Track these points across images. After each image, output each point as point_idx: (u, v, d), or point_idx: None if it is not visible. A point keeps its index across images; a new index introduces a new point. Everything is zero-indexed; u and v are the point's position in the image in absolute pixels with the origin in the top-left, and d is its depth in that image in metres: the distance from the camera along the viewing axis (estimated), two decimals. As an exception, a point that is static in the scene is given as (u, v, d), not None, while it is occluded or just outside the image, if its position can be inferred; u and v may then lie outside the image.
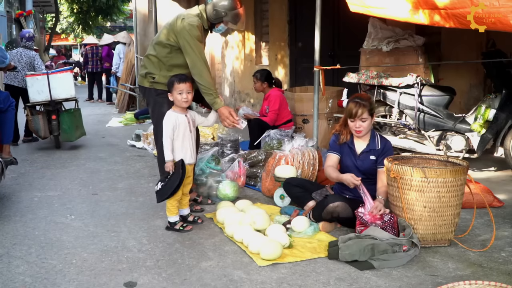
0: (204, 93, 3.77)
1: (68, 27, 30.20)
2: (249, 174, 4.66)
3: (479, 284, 2.21)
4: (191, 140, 3.54)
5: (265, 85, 5.88)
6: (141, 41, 10.94)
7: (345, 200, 3.38)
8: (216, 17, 3.81)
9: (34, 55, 7.06)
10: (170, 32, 3.77)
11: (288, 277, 2.75)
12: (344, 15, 6.16)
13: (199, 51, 3.74)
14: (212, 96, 3.76)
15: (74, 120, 6.77)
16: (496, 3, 3.23)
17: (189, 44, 3.68)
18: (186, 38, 3.68)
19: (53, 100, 6.48)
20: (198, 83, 3.75)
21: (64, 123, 6.60)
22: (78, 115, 6.93)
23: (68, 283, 2.73)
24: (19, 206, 4.15)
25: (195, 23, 3.72)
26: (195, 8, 3.91)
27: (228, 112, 3.77)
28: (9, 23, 19.46)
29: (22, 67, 6.87)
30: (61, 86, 6.54)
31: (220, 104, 3.79)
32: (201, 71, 3.71)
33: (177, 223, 3.49)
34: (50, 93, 6.46)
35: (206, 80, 3.73)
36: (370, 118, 3.45)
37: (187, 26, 3.68)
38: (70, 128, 6.66)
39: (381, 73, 5.18)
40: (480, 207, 3.59)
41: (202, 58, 3.73)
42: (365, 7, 4.17)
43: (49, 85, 6.45)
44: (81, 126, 7.02)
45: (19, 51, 7.02)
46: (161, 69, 3.81)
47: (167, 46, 3.79)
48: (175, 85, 3.42)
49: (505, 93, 4.60)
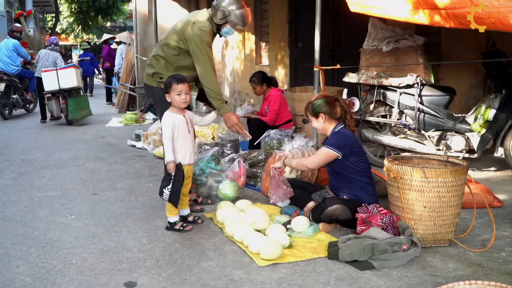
0: (211, 98, 3.82)
1: (68, 27, 30.22)
2: (249, 174, 4.66)
3: (479, 284, 2.21)
4: (190, 140, 3.54)
5: (265, 87, 5.88)
6: (141, 41, 10.93)
7: (343, 202, 3.37)
8: (221, 17, 3.83)
9: (57, 55, 9.40)
10: (180, 37, 3.81)
11: (288, 277, 2.75)
12: (344, 15, 6.16)
13: (209, 56, 3.78)
14: (220, 102, 3.83)
15: (79, 104, 8.98)
16: (496, 3, 3.22)
17: (200, 49, 3.73)
18: (196, 43, 3.72)
19: (61, 89, 8.64)
20: (206, 88, 3.80)
21: (70, 105, 8.75)
22: (83, 100, 9.23)
23: (68, 283, 2.73)
24: (19, 206, 4.15)
25: (206, 28, 3.76)
26: (204, 12, 3.93)
27: (236, 119, 3.86)
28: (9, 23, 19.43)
29: (49, 64, 9.18)
30: (67, 78, 8.64)
31: (226, 109, 3.86)
32: (209, 76, 3.77)
33: (177, 223, 3.49)
34: (59, 84, 8.60)
35: (214, 85, 3.80)
36: (314, 119, 3.57)
37: (197, 32, 3.72)
38: (76, 109, 8.87)
39: (381, 73, 5.18)
40: (480, 207, 3.59)
41: (211, 63, 3.79)
42: (365, 7, 4.17)
43: (58, 78, 8.57)
44: (86, 108, 9.28)
45: (47, 52, 9.38)
46: (169, 70, 3.85)
47: (175, 48, 3.83)
48: (173, 85, 3.39)
49: (505, 93, 4.60)
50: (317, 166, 3.55)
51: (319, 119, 3.54)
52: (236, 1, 3.85)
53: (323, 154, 3.46)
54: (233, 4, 3.82)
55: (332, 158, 3.45)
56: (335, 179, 3.60)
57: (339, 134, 3.49)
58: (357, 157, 3.47)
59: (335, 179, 3.59)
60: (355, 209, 3.28)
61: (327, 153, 3.43)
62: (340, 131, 3.51)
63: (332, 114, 3.52)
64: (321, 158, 3.47)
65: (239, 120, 3.92)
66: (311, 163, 3.53)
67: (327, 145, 3.45)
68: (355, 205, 3.32)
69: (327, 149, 3.43)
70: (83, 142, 7.27)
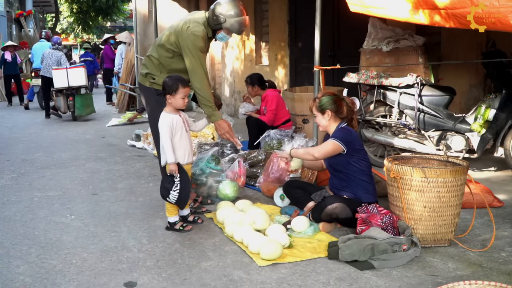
0: (203, 104, 3.78)
1: (68, 27, 30.23)
2: (249, 174, 4.66)
3: (479, 284, 2.21)
4: (188, 139, 3.53)
5: (257, 88, 5.87)
6: (141, 41, 10.93)
7: (343, 201, 3.38)
8: (216, 23, 3.76)
9: (61, 54, 9.90)
10: (173, 36, 3.74)
11: (288, 277, 2.75)
12: (344, 15, 6.16)
13: (201, 61, 3.73)
14: (211, 109, 3.78)
15: (85, 101, 9.57)
16: (496, 3, 3.22)
17: (192, 53, 3.68)
18: (189, 47, 3.67)
19: (70, 87, 9.21)
20: (197, 94, 3.76)
21: (77, 103, 9.36)
22: (89, 98, 9.79)
23: (68, 283, 2.73)
24: (19, 206, 4.15)
25: (200, 33, 3.69)
26: (201, 15, 3.83)
27: (228, 127, 3.84)
28: (9, 23, 19.46)
29: (52, 63, 9.66)
30: (76, 77, 9.24)
31: (218, 116, 3.82)
32: (201, 82, 3.72)
33: (177, 223, 3.49)
34: (68, 82, 9.17)
35: (206, 91, 3.74)
36: (320, 114, 3.55)
37: (191, 36, 3.66)
38: (82, 106, 9.47)
39: (381, 73, 5.18)
40: (480, 207, 3.59)
41: (203, 69, 3.73)
42: (365, 7, 4.17)
43: (67, 76, 9.16)
44: (91, 105, 9.81)
45: (50, 51, 9.88)
46: (162, 72, 3.81)
47: (169, 50, 3.78)
48: (180, 88, 3.34)
49: (505, 93, 4.60)
50: (323, 156, 3.54)
51: (325, 115, 3.55)
52: (235, 7, 3.73)
53: (330, 145, 3.46)
54: (231, 11, 3.71)
55: (338, 151, 3.45)
56: (336, 178, 3.60)
57: (345, 130, 3.52)
58: (359, 155, 3.48)
59: (336, 178, 3.59)
60: (355, 208, 3.28)
61: (334, 144, 3.44)
62: (345, 127, 3.54)
63: (339, 113, 3.54)
64: (328, 148, 3.47)
65: (231, 128, 3.89)
66: (317, 151, 3.53)
67: (333, 137, 3.47)
68: (355, 204, 3.33)
69: (333, 140, 3.45)
70: (83, 142, 7.27)
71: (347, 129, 3.53)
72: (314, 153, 3.54)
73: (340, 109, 3.53)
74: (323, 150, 3.51)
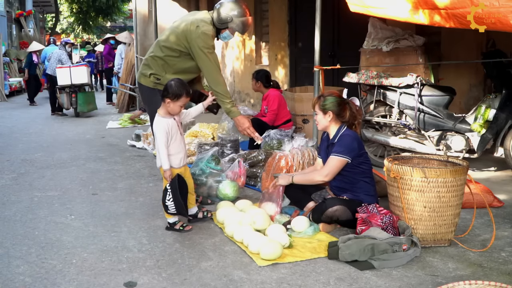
0: (220, 101, 3.80)
1: (68, 27, 30.23)
2: (249, 174, 4.66)
3: (479, 284, 2.21)
4: (183, 142, 3.53)
5: (259, 84, 5.89)
6: (141, 41, 10.93)
7: (343, 203, 3.37)
8: (221, 22, 3.78)
9: (61, 53, 10.48)
10: (181, 39, 3.75)
11: (288, 277, 2.75)
12: (344, 15, 6.17)
13: (214, 59, 3.77)
14: (229, 105, 3.81)
15: (87, 98, 10.10)
16: (496, 3, 3.22)
17: (204, 53, 3.70)
18: (200, 47, 3.69)
19: (73, 84, 9.74)
20: (215, 91, 3.79)
21: (80, 99, 9.90)
22: (91, 95, 10.34)
23: (68, 283, 2.73)
24: (19, 206, 4.15)
25: (210, 32, 3.73)
26: (206, 14, 3.86)
27: (248, 123, 3.85)
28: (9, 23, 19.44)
29: (53, 61, 10.22)
30: (79, 75, 9.75)
31: (236, 112, 3.84)
32: (217, 79, 3.75)
33: (176, 223, 3.49)
34: (71, 80, 9.69)
35: (222, 88, 3.78)
36: (321, 113, 3.51)
37: (202, 36, 3.68)
38: (84, 103, 9.97)
39: (381, 73, 5.18)
40: (480, 207, 3.59)
41: (217, 66, 3.77)
42: (365, 7, 4.17)
43: (71, 74, 9.68)
44: (93, 102, 10.35)
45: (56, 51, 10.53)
46: (167, 72, 3.81)
47: (176, 50, 3.79)
48: (182, 98, 3.31)
49: (505, 93, 4.60)
50: (332, 177, 3.47)
51: (326, 116, 3.52)
52: (240, 7, 3.79)
53: (335, 163, 3.41)
54: (236, 10, 3.77)
55: (344, 164, 3.42)
56: (337, 180, 3.59)
57: (345, 139, 3.44)
58: (362, 158, 3.47)
59: (337, 180, 3.58)
60: (356, 210, 3.27)
61: (339, 161, 3.40)
62: (344, 135, 3.47)
63: (340, 116, 3.50)
64: (334, 167, 3.42)
65: (251, 124, 3.90)
66: (325, 176, 3.45)
67: (335, 153, 3.41)
68: (356, 206, 3.32)
69: (337, 157, 3.39)
70: (83, 142, 7.27)
71: (348, 135, 3.46)
72: (322, 178, 3.47)
73: (343, 113, 3.50)
74: (331, 172, 3.44)
